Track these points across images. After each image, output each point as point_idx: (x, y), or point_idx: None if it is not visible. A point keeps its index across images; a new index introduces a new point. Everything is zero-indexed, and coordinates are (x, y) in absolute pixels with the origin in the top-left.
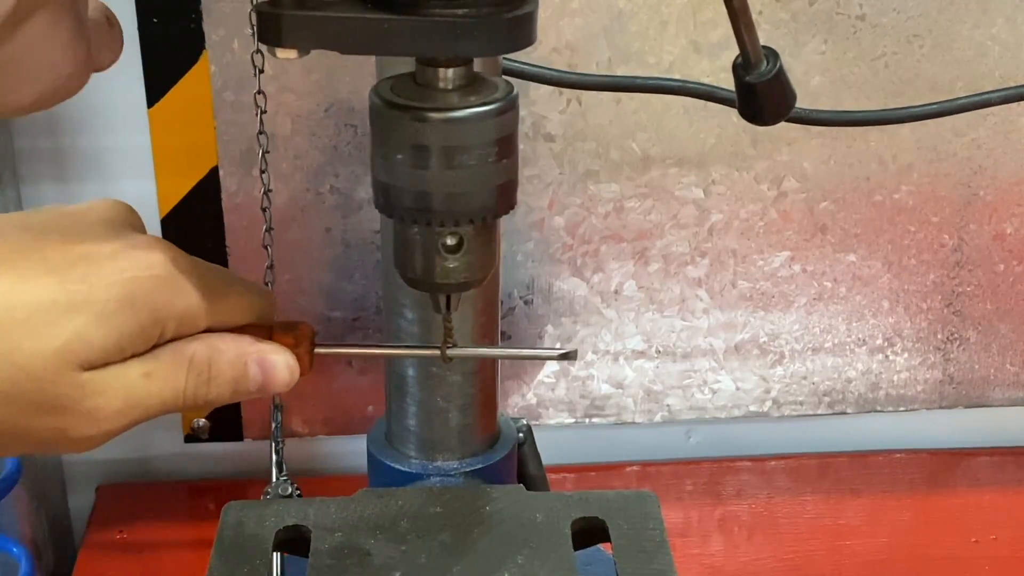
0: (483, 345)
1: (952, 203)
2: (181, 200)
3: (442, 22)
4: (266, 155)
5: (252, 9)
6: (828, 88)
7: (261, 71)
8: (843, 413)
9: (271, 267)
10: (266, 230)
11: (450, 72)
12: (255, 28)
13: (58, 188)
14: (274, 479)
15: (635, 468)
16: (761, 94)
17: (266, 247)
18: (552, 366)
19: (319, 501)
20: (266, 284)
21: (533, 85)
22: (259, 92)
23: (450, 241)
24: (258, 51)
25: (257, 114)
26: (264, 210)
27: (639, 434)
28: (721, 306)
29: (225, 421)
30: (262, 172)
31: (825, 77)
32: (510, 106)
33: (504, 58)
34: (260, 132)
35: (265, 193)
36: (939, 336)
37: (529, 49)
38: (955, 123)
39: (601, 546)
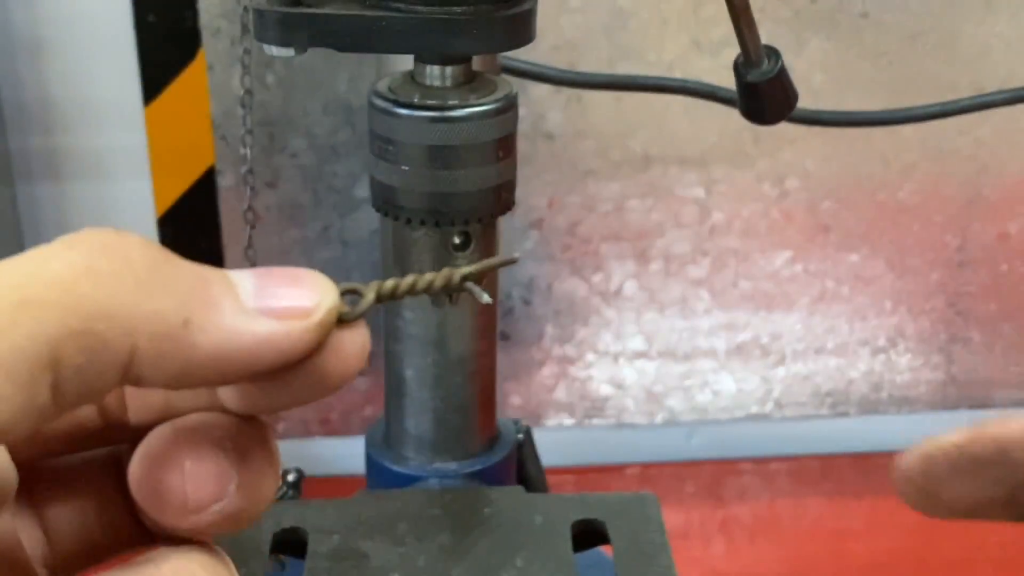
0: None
1: (955, 202)
2: (177, 199)
3: (440, 20)
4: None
5: (250, 6)
6: (831, 86)
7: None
8: (845, 414)
9: (252, 225)
10: (248, 176)
11: (449, 70)
12: (253, 26)
13: (53, 187)
14: None
15: (636, 470)
16: (763, 93)
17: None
18: (552, 367)
19: (316, 503)
20: (248, 248)
21: (532, 83)
22: (246, 52)
23: (457, 240)
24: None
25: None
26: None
27: (640, 436)
28: (722, 306)
29: None
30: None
31: (828, 75)
32: (510, 105)
33: (503, 56)
34: (246, 91)
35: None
36: (942, 337)
37: (528, 47)
38: (958, 122)
39: (601, 548)
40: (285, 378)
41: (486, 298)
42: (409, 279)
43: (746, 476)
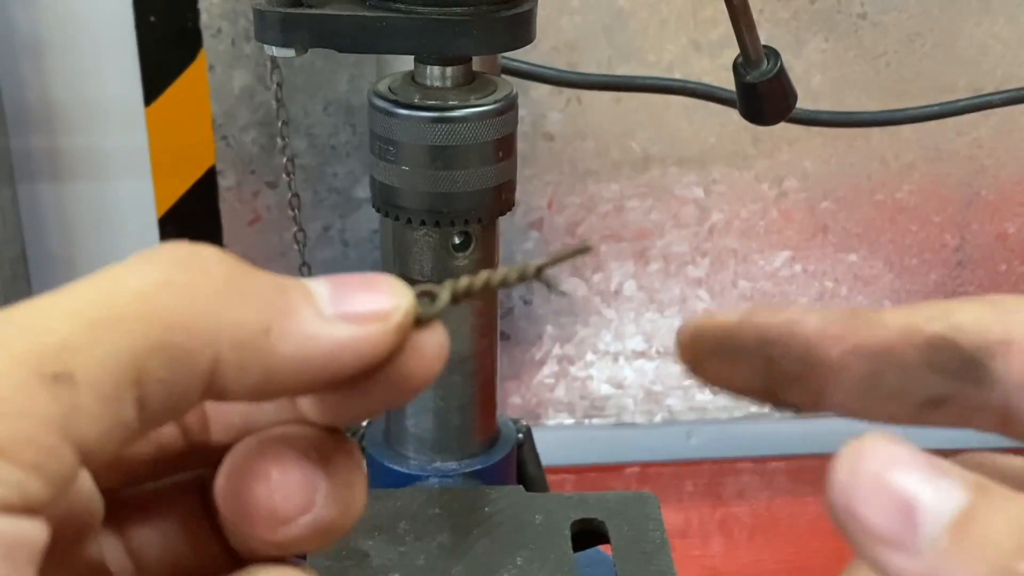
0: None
1: (954, 203)
2: (178, 200)
3: (440, 20)
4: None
5: (251, 7)
6: (829, 87)
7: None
8: None
9: (300, 230)
10: (292, 196)
11: (449, 71)
12: (253, 26)
13: (55, 187)
14: None
15: (635, 469)
16: (762, 94)
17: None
18: (552, 366)
19: None
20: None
21: (532, 84)
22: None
23: (457, 240)
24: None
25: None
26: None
27: (639, 435)
28: (722, 306)
29: None
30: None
31: (826, 76)
32: (510, 106)
33: (503, 57)
34: (279, 108)
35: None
36: None
37: (528, 48)
38: (957, 122)
39: (601, 548)
40: (366, 384)
41: (564, 289)
42: (483, 275)
43: (745, 475)
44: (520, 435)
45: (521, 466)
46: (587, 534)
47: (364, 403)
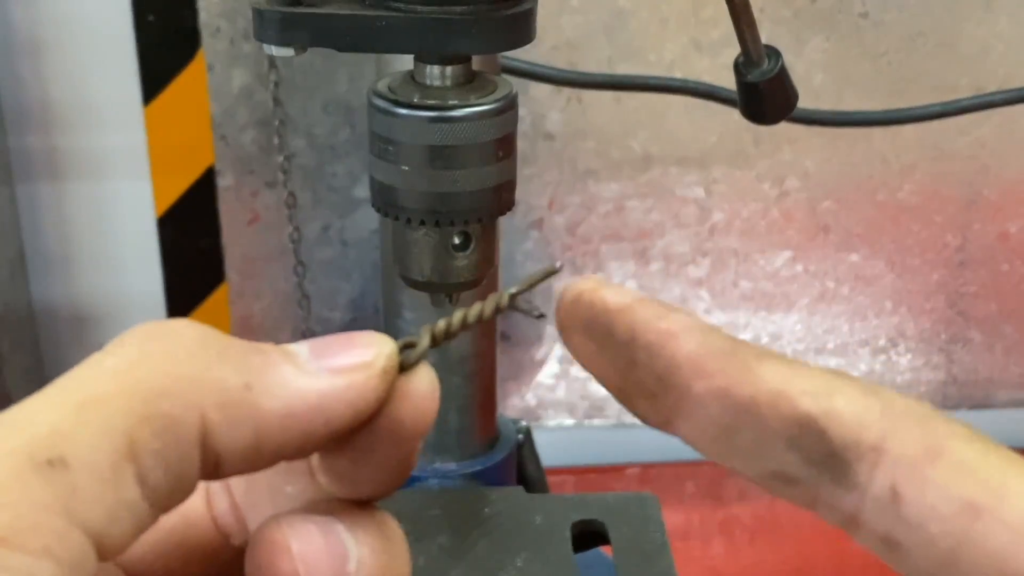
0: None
1: (956, 202)
2: (177, 199)
3: (440, 19)
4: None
5: (250, 6)
6: (830, 86)
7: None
8: None
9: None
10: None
11: (448, 70)
12: (252, 26)
13: (53, 187)
14: None
15: (636, 470)
16: (763, 93)
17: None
18: (553, 367)
19: None
20: (292, 238)
21: (532, 83)
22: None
23: (457, 240)
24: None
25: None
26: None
27: (640, 436)
28: (723, 306)
29: None
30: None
31: (827, 75)
32: (510, 105)
33: (503, 56)
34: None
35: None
36: (943, 337)
37: (529, 47)
38: (959, 122)
39: (601, 549)
40: (365, 439)
41: (538, 312)
42: (459, 314)
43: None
44: (520, 436)
45: (521, 467)
46: (587, 535)
47: (373, 464)
